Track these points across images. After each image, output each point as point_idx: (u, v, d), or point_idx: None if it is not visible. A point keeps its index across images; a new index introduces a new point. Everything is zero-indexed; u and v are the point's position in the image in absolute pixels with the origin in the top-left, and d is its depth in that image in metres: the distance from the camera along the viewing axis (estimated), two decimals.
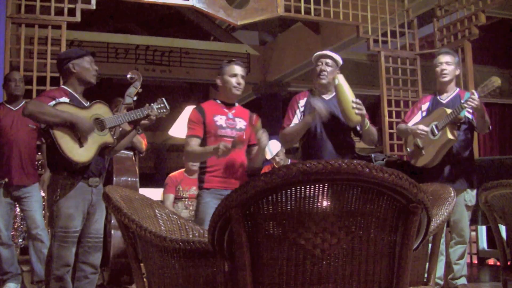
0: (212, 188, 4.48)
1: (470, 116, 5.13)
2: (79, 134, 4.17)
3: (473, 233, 8.15)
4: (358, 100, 4.55)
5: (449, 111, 5.02)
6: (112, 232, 5.89)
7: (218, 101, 4.70)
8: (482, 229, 8.22)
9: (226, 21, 8.41)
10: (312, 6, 8.16)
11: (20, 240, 7.77)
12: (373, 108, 11.12)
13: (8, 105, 5.82)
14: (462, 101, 5.00)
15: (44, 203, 6.30)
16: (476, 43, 8.54)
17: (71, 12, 6.96)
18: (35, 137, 5.80)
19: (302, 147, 4.97)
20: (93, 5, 7.04)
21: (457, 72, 5.38)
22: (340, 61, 4.95)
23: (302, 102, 4.94)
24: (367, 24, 8.48)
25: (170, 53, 13.84)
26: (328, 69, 4.84)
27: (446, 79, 5.29)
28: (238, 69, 4.63)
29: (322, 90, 4.93)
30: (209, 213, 4.40)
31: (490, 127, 5.22)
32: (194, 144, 4.53)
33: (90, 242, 4.46)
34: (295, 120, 4.91)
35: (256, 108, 12.96)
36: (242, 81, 4.63)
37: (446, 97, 5.33)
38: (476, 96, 4.83)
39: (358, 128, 4.85)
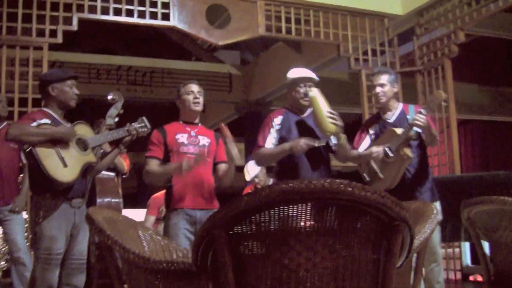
0: (179, 209, 4.48)
1: (419, 130, 5.04)
2: (60, 151, 4.16)
3: (457, 250, 8.17)
4: (333, 111, 4.57)
5: (399, 131, 4.92)
6: (96, 253, 5.85)
7: (181, 122, 4.79)
8: (466, 245, 8.24)
9: (207, 41, 8.46)
10: (293, 26, 8.22)
11: (2, 262, 7.69)
12: (355, 127, 11.15)
13: None
14: (409, 119, 4.94)
15: (26, 225, 6.24)
16: (456, 61, 8.62)
17: (53, 33, 6.97)
18: (17, 156, 5.76)
19: (278, 164, 4.96)
20: (74, 26, 7.05)
21: (395, 89, 5.23)
22: (316, 79, 4.95)
23: (277, 121, 4.91)
24: (348, 43, 8.55)
25: (152, 73, 13.82)
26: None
27: (383, 101, 5.17)
28: (194, 87, 4.78)
29: (299, 108, 4.93)
30: (178, 235, 4.41)
31: (438, 139, 5.13)
32: (153, 165, 4.55)
33: (73, 264, 4.43)
34: (270, 139, 4.86)
35: (239, 127, 13.00)
36: (200, 97, 4.71)
37: (391, 115, 5.22)
38: (422, 114, 4.76)
39: (332, 142, 4.85)
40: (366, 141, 5.26)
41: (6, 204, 5.68)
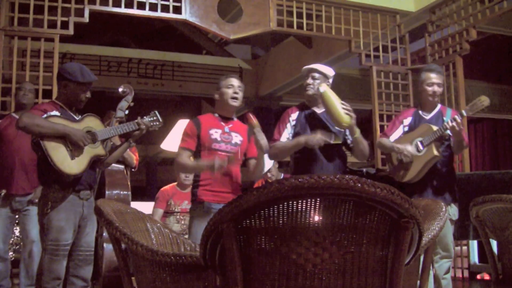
0: (205, 202, 4.48)
1: (451, 133, 5.13)
2: (70, 146, 4.17)
3: (465, 248, 8.16)
4: (345, 103, 4.58)
5: (435, 128, 5.01)
6: (104, 245, 5.86)
7: (216, 115, 4.71)
8: (474, 244, 8.21)
9: (219, 35, 8.44)
10: (305, 21, 8.20)
11: (11, 253, 7.72)
12: (365, 123, 11.13)
13: (14, 115, 5.79)
14: (446, 121, 5.01)
15: None
16: (467, 58, 8.59)
17: (64, 25, 6.98)
18: None
19: (294, 160, 4.96)
20: (86, 18, 7.06)
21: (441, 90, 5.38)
22: (330, 73, 4.95)
23: (293, 116, 4.94)
24: (359, 39, 8.52)
25: (163, 66, 13.82)
26: (316, 82, 4.86)
27: (436, 99, 5.29)
28: (234, 81, 4.66)
29: (313, 103, 4.95)
30: (202, 228, 4.40)
31: (466, 147, 5.22)
32: (185, 156, 4.53)
33: (81, 255, 4.44)
34: (285, 134, 4.90)
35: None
36: (239, 92, 4.65)
37: (429, 113, 5.31)
38: (458, 119, 4.83)
39: (349, 140, 4.86)
40: (399, 130, 5.36)
41: (26, 194, 5.66)
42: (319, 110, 4.93)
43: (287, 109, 5.08)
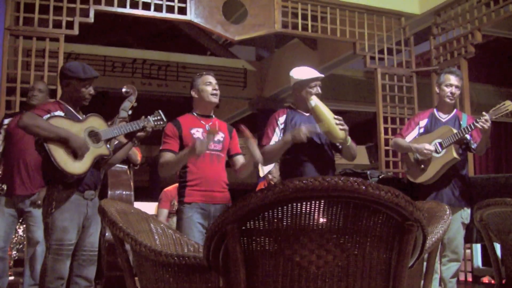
0: (193, 202, 4.46)
1: (468, 137, 5.15)
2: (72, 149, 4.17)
3: (468, 251, 8.14)
4: (338, 117, 4.56)
5: (455, 130, 5.05)
6: (107, 245, 5.86)
7: (195, 114, 4.71)
8: (477, 247, 8.20)
9: (223, 37, 8.44)
10: (310, 23, 8.20)
11: (14, 252, 7.74)
12: (369, 125, 11.13)
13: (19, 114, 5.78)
14: (463, 125, 5.06)
15: None
16: (472, 61, 8.58)
17: (69, 25, 6.99)
18: None
19: (282, 162, 4.94)
20: (91, 18, 7.07)
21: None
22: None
23: (281, 120, 4.89)
24: (364, 41, 8.52)
25: (167, 67, 13.84)
26: (319, 92, 4.82)
27: (453, 102, 5.33)
28: (211, 78, 4.70)
29: (305, 108, 4.89)
30: (192, 228, 4.39)
31: (488, 147, 5.26)
32: (168, 157, 4.51)
33: (84, 256, 4.44)
34: (275, 138, 4.85)
35: (252, 123, 12.98)
36: (217, 88, 4.65)
37: (445, 116, 5.34)
38: (488, 117, 4.86)
39: (338, 143, 4.84)
40: (415, 131, 5.42)
41: (29, 194, 5.66)
42: (307, 113, 4.89)
43: (273, 113, 5.03)
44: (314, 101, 4.57)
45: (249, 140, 4.37)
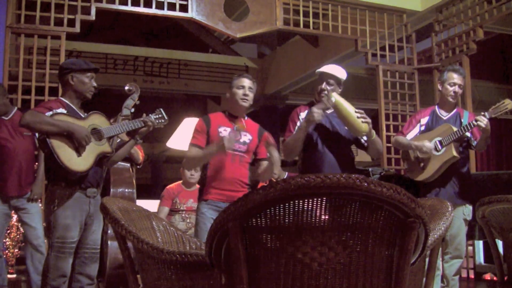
0: (210, 200, 4.49)
1: (469, 134, 5.15)
2: (76, 143, 4.17)
3: (470, 248, 8.13)
4: (360, 110, 4.55)
5: (455, 128, 5.04)
6: (109, 243, 5.86)
7: (226, 113, 4.74)
8: (479, 244, 8.19)
9: (225, 34, 8.45)
10: (311, 20, 8.20)
11: (16, 250, 7.75)
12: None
13: (1, 117, 5.77)
14: (464, 123, 5.06)
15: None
16: (474, 58, 8.56)
17: (71, 23, 6.99)
18: (33, 144, 5.76)
19: (302, 160, 4.94)
20: (92, 16, 7.07)
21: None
22: (343, 77, 4.83)
23: (303, 115, 4.88)
24: (366, 38, 8.51)
25: (169, 64, 13.84)
26: (329, 88, 4.80)
27: (455, 100, 5.33)
28: (246, 82, 4.67)
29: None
30: (206, 224, 4.41)
31: (488, 144, 5.26)
32: (194, 152, 4.55)
33: (87, 253, 4.45)
34: None
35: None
36: (249, 93, 4.66)
37: (447, 113, 5.34)
38: (486, 117, 4.86)
39: (363, 139, 4.82)
40: (416, 129, 5.41)
41: (24, 193, 5.69)
42: (328, 111, 4.88)
43: (295, 108, 5.05)
44: (334, 97, 4.58)
45: (271, 146, 4.41)
